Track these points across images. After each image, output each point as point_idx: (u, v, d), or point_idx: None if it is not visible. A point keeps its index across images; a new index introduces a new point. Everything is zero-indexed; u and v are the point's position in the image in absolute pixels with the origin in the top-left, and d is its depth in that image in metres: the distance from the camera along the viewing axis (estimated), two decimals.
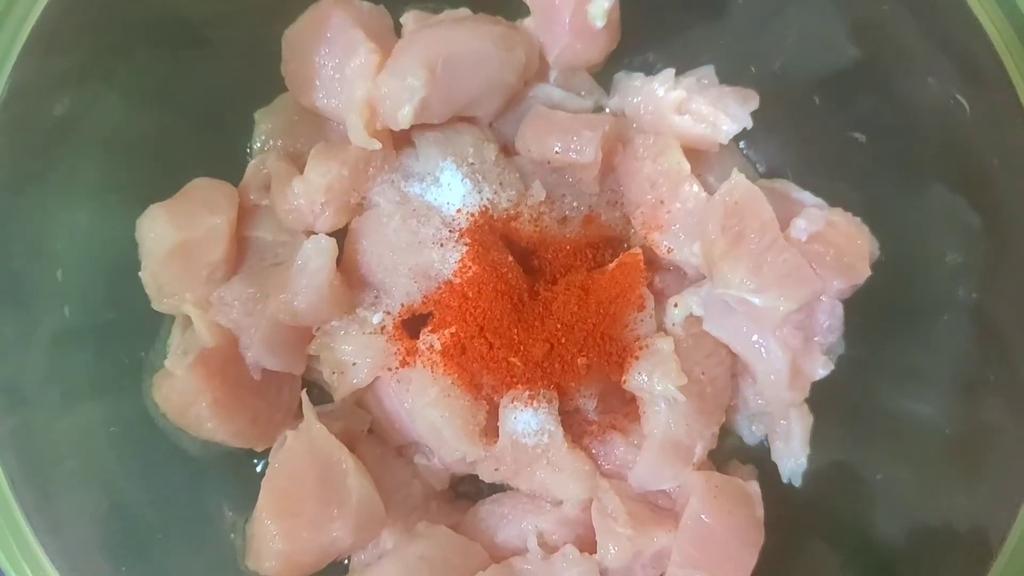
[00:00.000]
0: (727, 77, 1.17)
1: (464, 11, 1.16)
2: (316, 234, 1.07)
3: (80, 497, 1.00)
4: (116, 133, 1.06)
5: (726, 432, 1.16)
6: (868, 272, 1.06)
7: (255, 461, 1.13)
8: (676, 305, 1.11)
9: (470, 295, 1.06)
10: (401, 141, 1.14)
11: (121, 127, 1.06)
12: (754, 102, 1.14)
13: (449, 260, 1.09)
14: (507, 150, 1.18)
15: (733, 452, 1.18)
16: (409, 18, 1.15)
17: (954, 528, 1.04)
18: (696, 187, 1.11)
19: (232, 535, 1.06)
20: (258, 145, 1.16)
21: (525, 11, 1.17)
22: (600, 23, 1.13)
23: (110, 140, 1.05)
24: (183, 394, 1.02)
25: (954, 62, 1.05)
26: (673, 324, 1.11)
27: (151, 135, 1.10)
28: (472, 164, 1.12)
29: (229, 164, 1.14)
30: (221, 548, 1.06)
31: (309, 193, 1.07)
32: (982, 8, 1.00)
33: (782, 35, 1.18)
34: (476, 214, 1.11)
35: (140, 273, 1.05)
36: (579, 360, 1.06)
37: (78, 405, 1.01)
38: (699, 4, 1.21)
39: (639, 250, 1.12)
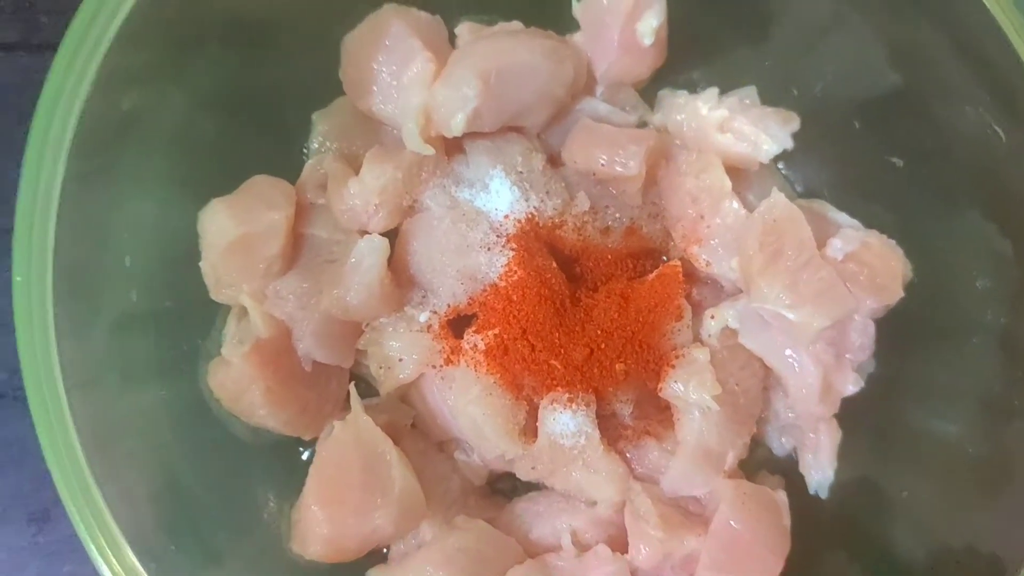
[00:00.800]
0: (769, 98, 1.18)
1: (517, 24, 1.17)
2: (369, 234, 1.07)
3: (139, 472, 1.01)
4: (181, 130, 1.07)
5: (756, 443, 1.15)
6: (901, 293, 1.07)
7: (302, 449, 1.15)
8: (713, 317, 1.12)
9: (514, 298, 1.07)
10: (453, 148, 1.15)
11: (186, 124, 1.08)
12: (795, 124, 1.15)
13: (495, 264, 1.09)
14: (553, 160, 1.18)
15: (762, 463, 1.18)
16: (464, 29, 1.17)
17: (975, 548, 1.05)
18: (736, 204, 1.12)
19: (278, 519, 1.08)
20: (315, 146, 1.17)
21: (575, 26, 1.18)
22: (648, 40, 1.13)
23: (176, 136, 1.07)
24: (237, 381, 1.04)
25: (992, 93, 1.05)
26: (709, 335, 1.12)
27: (214, 133, 1.11)
28: (520, 172, 1.13)
29: (287, 163, 1.15)
30: (267, 531, 1.08)
31: (364, 194, 1.09)
32: (1021, 39, 1.01)
33: (824, 59, 1.19)
34: (523, 221, 1.12)
35: (200, 264, 1.06)
36: (617, 366, 1.07)
37: (139, 386, 1.04)
38: (744, 26, 1.22)
39: (678, 262, 1.13)
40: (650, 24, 1.13)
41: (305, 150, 1.19)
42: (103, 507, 0.91)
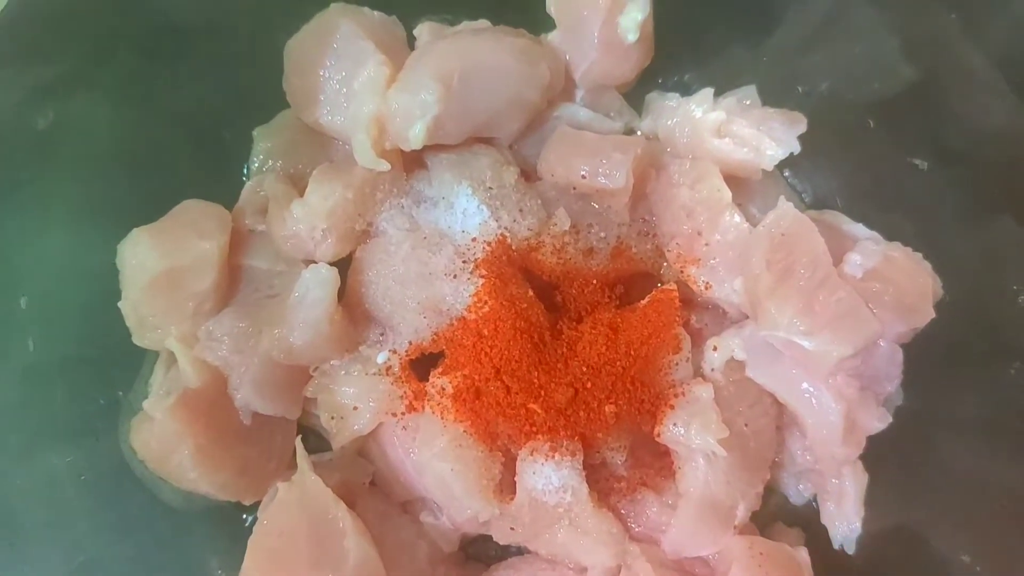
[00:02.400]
0: (770, 98, 1.13)
1: (483, 23, 1.13)
2: (316, 263, 1.03)
3: (48, 551, 0.95)
4: (99, 149, 1.03)
5: (770, 491, 1.10)
6: (932, 314, 1.00)
7: (244, 516, 1.07)
8: (715, 348, 1.06)
9: (485, 333, 1.01)
10: (412, 163, 1.11)
11: (105, 143, 1.03)
12: (801, 125, 1.10)
13: (463, 294, 1.04)
14: (528, 175, 1.14)
15: (777, 513, 1.12)
16: (423, 30, 1.12)
17: None
18: (738, 217, 1.06)
19: None
20: (256, 165, 1.13)
21: (550, 25, 1.13)
22: (632, 36, 1.09)
23: (91, 157, 1.03)
24: (163, 440, 0.96)
25: (1017, 82, 1.02)
26: (712, 369, 1.06)
27: (137, 153, 1.06)
28: (490, 189, 1.08)
29: (223, 186, 1.11)
30: None
31: (310, 218, 1.04)
32: None
33: (831, 52, 1.15)
34: (493, 244, 1.06)
35: (120, 304, 1.00)
36: (607, 408, 1.01)
37: (46, 450, 0.97)
38: (739, 20, 1.18)
39: (674, 286, 1.08)
40: (634, 17, 1.08)
41: (245, 170, 1.13)
42: None
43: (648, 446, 1.06)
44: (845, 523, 1.05)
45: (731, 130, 1.09)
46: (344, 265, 1.06)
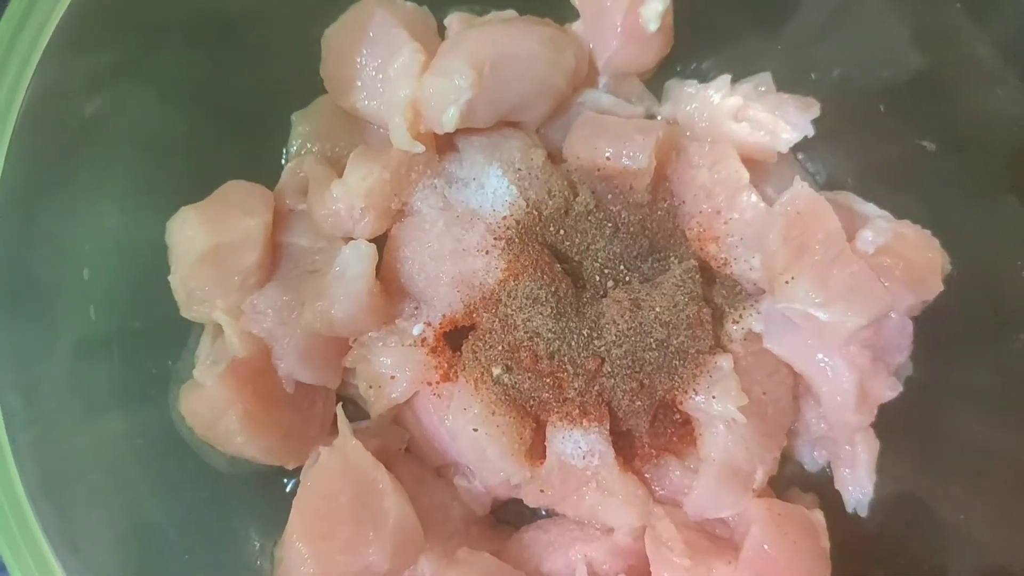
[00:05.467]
0: (784, 84, 1.14)
1: (511, 13, 1.14)
2: (355, 240, 1.03)
3: (101, 514, 0.96)
4: (149, 134, 1.04)
5: (786, 458, 1.11)
6: (940, 287, 1.02)
7: (285, 480, 1.10)
8: (735, 321, 1.08)
9: (515, 306, 1.03)
10: (445, 146, 1.11)
11: (154, 128, 1.04)
12: (815, 110, 1.11)
13: (494, 269, 1.05)
14: (554, 157, 1.14)
15: (793, 479, 1.13)
16: (453, 20, 1.13)
17: None
18: (755, 197, 1.07)
19: (260, 559, 1.03)
20: (295, 148, 1.13)
21: (573, 15, 1.15)
22: (653, 26, 1.10)
23: (142, 141, 1.03)
24: (212, 406, 0.98)
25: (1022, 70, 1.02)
26: (731, 341, 1.07)
27: (185, 136, 1.07)
28: (519, 170, 1.09)
29: (265, 168, 1.12)
30: (249, 572, 1.02)
31: (348, 197, 1.04)
32: None
33: (843, 40, 1.16)
34: (522, 221, 1.07)
35: (169, 278, 1.02)
36: (631, 377, 1.02)
37: (101, 415, 0.98)
38: (754, 10, 1.19)
39: (694, 262, 1.08)
40: (655, 8, 1.09)
41: (285, 153, 1.15)
42: (50, 556, 0.84)
43: (670, 414, 1.07)
44: (858, 488, 1.07)
45: (748, 115, 1.10)
46: (381, 242, 1.07)
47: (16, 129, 0.88)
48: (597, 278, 1.08)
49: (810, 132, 1.09)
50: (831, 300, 0.98)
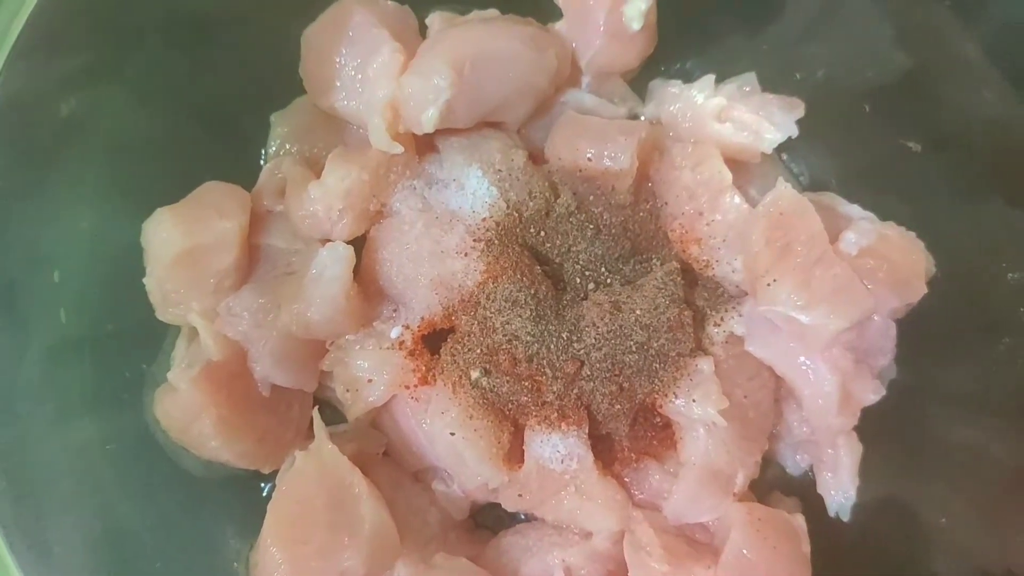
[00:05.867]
0: (769, 85, 1.14)
1: (493, 12, 1.13)
2: (332, 242, 1.03)
3: (73, 519, 0.95)
4: (125, 135, 1.03)
5: (767, 462, 1.10)
6: (924, 289, 1.02)
7: (262, 484, 1.08)
8: (716, 324, 1.07)
9: (495, 309, 1.02)
10: (424, 146, 1.10)
11: (130, 129, 1.04)
12: (799, 110, 1.10)
13: (473, 271, 1.04)
14: (536, 157, 1.14)
15: (775, 483, 1.13)
16: (435, 19, 1.12)
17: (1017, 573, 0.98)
18: (738, 198, 1.07)
19: (235, 563, 1.01)
20: (273, 149, 1.13)
21: (556, 14, 1.14)
22: (636, 25, 1.09)
23: (119, 142, 1.03)
24: (186, 410, 0.97)
25: (1011, 71, 1.02)
26: (713, 344, 1.06)
27: (162, 138, 1.07)
28: (499, 171, 1.08)
29: (242, 169, 1.11)
30: None
31: (326, 198, 1.03)
32: None
33: (827, 40, 1.16)
34: (502, 223, 1.06)
35: (144, 280, 1.01)
36: (610, 381, 1.01)
37: (74, 420, 0.97)
38: (739, 9, 1.18)
39: (676, 264, 1.07)
40: (638, 7, 1.09)
41: (263, 154, 1.14)
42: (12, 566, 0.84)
43: (650, 417, 1.06)
44: (840, 492, 1.06)
45: (731, 115, 1.10)
46: (359, 244, 1.06)
47: None
48: (578, 280, 1.07)
49: (794, 132, 1.09)
50: (813, 302, 0.97)
